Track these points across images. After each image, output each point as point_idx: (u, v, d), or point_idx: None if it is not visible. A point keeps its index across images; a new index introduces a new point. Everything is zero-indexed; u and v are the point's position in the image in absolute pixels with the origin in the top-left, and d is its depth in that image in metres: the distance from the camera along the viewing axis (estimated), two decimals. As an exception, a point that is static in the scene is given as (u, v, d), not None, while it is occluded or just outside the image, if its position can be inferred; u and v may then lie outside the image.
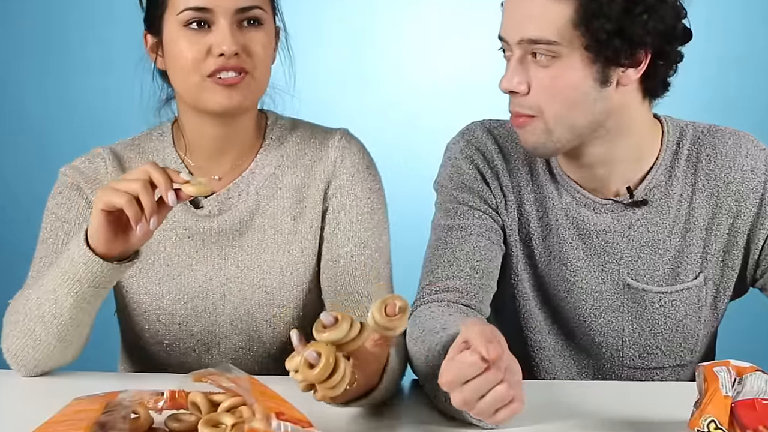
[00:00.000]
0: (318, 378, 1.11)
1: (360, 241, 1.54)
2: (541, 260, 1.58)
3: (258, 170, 1.58)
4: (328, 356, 1.10)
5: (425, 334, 1.33)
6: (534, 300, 1.60)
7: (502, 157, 1.58)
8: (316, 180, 1.58)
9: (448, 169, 1.60)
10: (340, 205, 1.56)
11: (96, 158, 1.58)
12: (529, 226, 1.58)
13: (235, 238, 1.57)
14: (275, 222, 1.57)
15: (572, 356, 1.62)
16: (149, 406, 1.19)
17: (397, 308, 1.12)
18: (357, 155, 1.59)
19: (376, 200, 1.58)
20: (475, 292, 1.49)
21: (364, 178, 1.58)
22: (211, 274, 1.57)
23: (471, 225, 1.54)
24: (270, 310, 1.58)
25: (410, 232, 2.01)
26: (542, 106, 1.42)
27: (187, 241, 1.56)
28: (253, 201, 1.57)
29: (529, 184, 1.58)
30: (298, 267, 1.58)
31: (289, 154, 1.59)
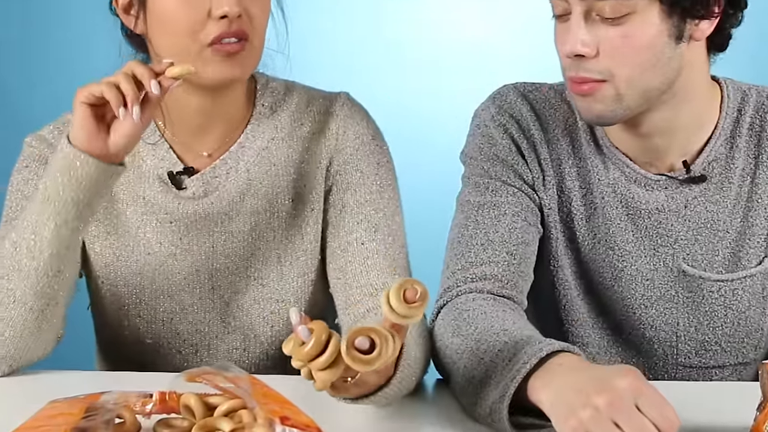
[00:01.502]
0: (308, 356, 1.11)
1: (370, 225, 1.54)
2: (584, 244, 1.58)
3: (248, 144, 1.57)
4: (320, 334, 1.11)
5: (479, 332, 1.33)
6: (576, 289, 1.60)
7: (539, 126, 1.58)
8: (316, 155, 1.58)
9: (478, 138, 1.60)
10: (346, 184, 1.57)
11: (66, 126, 1.57)
12: (570, 205, 1.58)
13: (224, 223, 1.57)
14: (270, 204, 1.57)
15: (619, 353, 1.62)
16: (136, 410, 1.19)
17: (417, 294, 1.12)
18: (361, 125, 1.59)
19: (385, 176, 1.58)
20: (515, 281, 1.49)
21: (371, 151, 1.58)
22: (197, 264, 1.57)
23: (504, 203, 1.54)
24: (267, 306, 1.58)
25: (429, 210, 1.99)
26: (613, 69, 1.42)
27: (168, 227, 1.56)
28: (243, 180, 1.57)
29: (571, 157, 1.58)
30: (298, 256, 1.58)
31: (284, 125, 1.59)
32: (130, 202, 1.56)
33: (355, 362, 1.11)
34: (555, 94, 1.60)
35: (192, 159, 1.56)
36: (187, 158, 1.57)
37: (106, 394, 1.19)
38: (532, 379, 1.19)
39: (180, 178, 1.56)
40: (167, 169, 1.56)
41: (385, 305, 1.12)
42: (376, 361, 1.11)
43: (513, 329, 1.31)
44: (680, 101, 1.48)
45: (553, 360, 1.20)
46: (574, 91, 1.46)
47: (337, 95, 1.61)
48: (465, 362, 1.32)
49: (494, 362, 1.26)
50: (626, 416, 1.08)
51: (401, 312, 1.12)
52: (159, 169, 1.56)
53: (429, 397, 1.42)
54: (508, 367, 1.22)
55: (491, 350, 1.28)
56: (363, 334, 1.11)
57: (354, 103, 1.61)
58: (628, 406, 1.09)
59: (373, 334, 1.12)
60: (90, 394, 1.20)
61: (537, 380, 1.18)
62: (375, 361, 1.11)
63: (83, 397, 1.19)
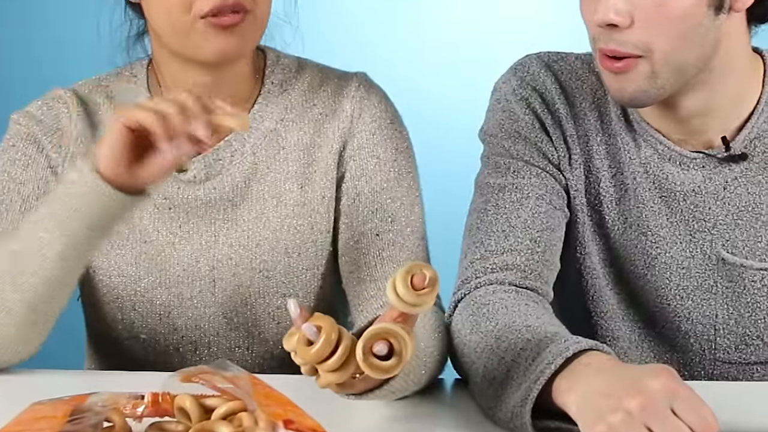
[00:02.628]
0: (317, 357, 1.12)
1: (387, 215, 1.55)
2: (614, 229, 1.58)
3: (255, 125, 1.58)
4: (330, 332, 1.11)
5: (500, 329, 1.33)
6: (605, 278, 1.60)
7: (565, 99, 1.58)
8: (328, 139, 1.58)
9: (498, 114, 1.59)
10: (360, 170, 1.57)
11: (56, 102, 1.58)
12: (599, 186, 1.58)
13: (227, 210, 1.57)
14: (278, 190, 1.57)
15: (652, 348, 1.62)
16: (126, 413, 1.18)
17: (426, 280, 1.12)
18: (378, 107, 1.59)
19: (404, 162, 1.58)
20: (539, 270, 1.49)
21: (389, 136, 1.58)
22: (198, 254, 1.57)
23: (528, 185, 1.54)
24: (273, 301, 1.59)
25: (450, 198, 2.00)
26: (649, 41, 1.41)
27: (167, 213, 1.57)
28: (249, 164, 1.57)
29: (599, 134, 1.58)
30: (307, 247, 1.58)
31: (295, 105, 1.59)
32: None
33: (373, 370, 1.11)
34: (582, 64, 1.60)
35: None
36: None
37: (93, 396, 1.18)
38: (557, 380, 1.18)
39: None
40: None
41: (392, 293, 1.12)
42: (397, 368, 1.12)
43: (537, 325, 1.31)
44: (718, 79, 1.48)
45: (581, 359, 1.19)
46: (607, 68, 1.45)
47: (353, 75, 1.62)
48: (484, 361, 1.31)
49: (516, 362, 1.26)
50: (660, 420, 1.08)
51: (409, 300, 1.12)
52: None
53: (446, 399, 1.42)
54: (531, 368, 1.21)
55: (513, 348, 1.28)
56: (380, 338, 1.12)
57: (371, 84, 1.61)
58: (663, 409, 1.08)
59: (392, 337, 1.12)
60: (76, 396, 1.19)
61: (563, 382, 1.18)
62: (395, 369, 1.12)
63: (68, 399, 1.18)
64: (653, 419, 1.08)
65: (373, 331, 1.12)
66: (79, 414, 1.14)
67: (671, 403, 1.09)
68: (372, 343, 1.11)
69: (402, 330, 1.12)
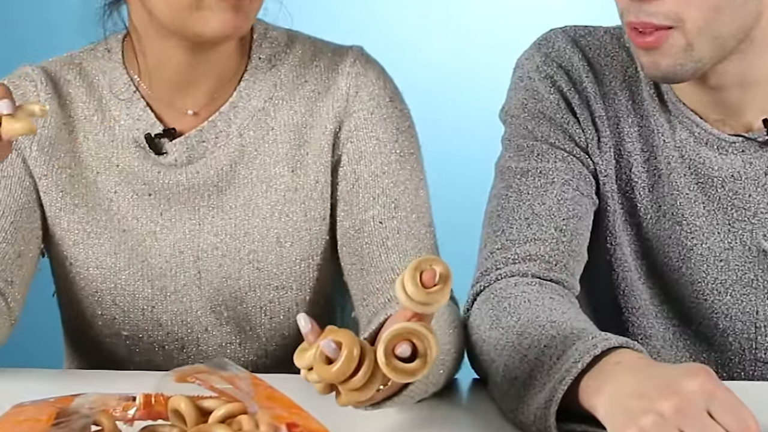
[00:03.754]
0: (339, 377, 1.11)
1: (389, 201, 1.55)
2: (646, 217, 1.59)
3: (242, 103, 1.58)
4: (352, 348, 1.11)
5: (522, 324, 1.33)
6: (637, 271, 1.61)
7: (593, 77, 1.59)
8: (322, 119, 1.58)
9: (521, 93, 1.60)
10: (359, 153, 1.57)
11: (23, 80, 1.58)
12: (630, 172, 1.58)
13: (212, 197, 1.57)
14: (267, 174, 1.58)
15: (687, 347, 1.63)
16: (116, 416, 1.17)
17: (437, 276, 1.12)
18: (376, 84, 1.59)
19: (406, 143, 1.58)
20: (565, 261, 1.49)
21: (388, 115, 1.58)
22: (181, 244, 1.58)
23: (553, 169, 1.54)
24: (264, 294, 1.59)
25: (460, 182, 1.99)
26: (682, 12, 1.41)
27: (147, 199, 1.57)
28: (235, 146, 1.57)
29: (631, 114, 1.58)
30: (300, 235, 1.58)
31: (285, 82, 1.59)
32: (102, 170, 1.57)
33: (398, 374, 1.11)
34: (611, 39, 1.60)
35: (174, 119, 1.57)
36: (168, 118, 1.57)
37: (80, 397, 1.17)
38: (584, 380, 1.19)
39: (160, 141, 1.55)
40: (144, 130, 1.56)
41: (401, 293, 1.12)
42: (423, 370, 1.11)
43: (562, 320, 1.31)
44: (759, 50, 1.48)
45: (610, 358, 1.19)
46: (637, 44, 1.45)
47: (349, 49, 1.61)
48: (505, 360, 1.32)
49: (540, 360, 1.26)
50: (696, 424, 1.08)
51: (420, 299, 1.11)
52: (134, 130, 1.56)
53: (463, 400, 1.43)
54: (557, 367, 1.21)
55: (536, 346, 1.28)
56: (403, 338, 1.11)
57: (368, 59, 1.61)
58: (698, 411, 1.08)
59: (414, 337, 1.11)
60: (61, 397, 1.19)
61: (590, 382, 1.18)
62: (421, 371, 1.11)
63: (53, 401, 1.18)
64: (688, 422, 1.07)
65: (395, 331, 1.11)
66: (65, 417, 1.14)
67: (708, 405, 1.09)
68: (394, 345, 1.11)
69: (424, 329, 1.12)
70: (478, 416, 1.35)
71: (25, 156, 1.56)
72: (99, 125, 1.56)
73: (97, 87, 1.58)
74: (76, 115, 1.57)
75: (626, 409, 1.11)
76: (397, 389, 1.23)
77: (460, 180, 2.62)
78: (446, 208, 1.70)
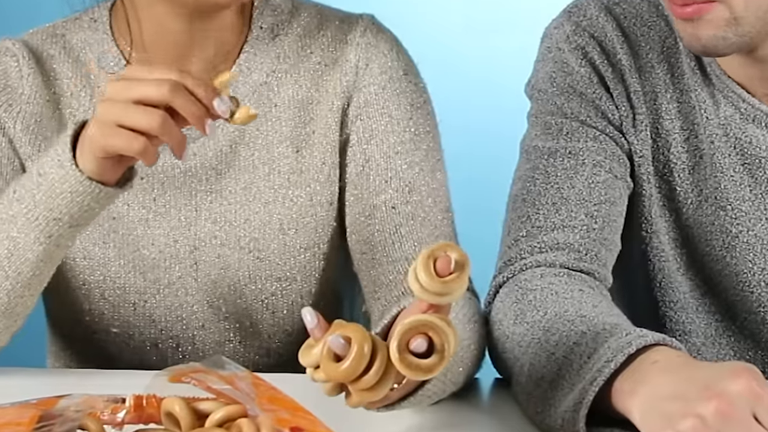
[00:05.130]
0: (348, 375, 1.12)
1: (403, 184, 1.55)
2: (686, 202, 1.59)
3: (242, 78, 1.58)
4: (362, 344, 1.11)
5: (549, 319, 1.34)
6: (676, 261, 1.61)
7: (629, 49, 1.58)
8: (329, 94, 1.58)
9: (549, 65, 1.60)
10: (369, 132, 1.57)
11: (4, 55, 1.59)
12: (669, 152, 1.58)
13: (210, 180, 1.58)
14: (269, 155, 1.58)
15: (731, 345, 1.63)
16: (104, 419, 1.17)
17: (452, 264, 1.12)
18: (389, 56, 1.59)
19: (421, 121, 1.58)
20: (596, 250, 1.49)
21: (402, 90, 1.58)
22: (176, 232, 1.58)
23: (583, 149, 1.54)
24: (266, 286, 1.59)
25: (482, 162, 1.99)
26: None
27: (139, 183, 1.56)
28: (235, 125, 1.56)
29: (669, 89, 1.58)
30: (306, 221, 1.59)
31: (289, 54, 1.59)
32: None
33: (413, 371, 1.11)
34: (648, 6, 1.60)
35: None
36: None
37: (65, 398, 1.17)
38: (618, 381, 1.19)
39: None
40: None
41: (414, 283, 1.12)
42: (440, 366, 1.11)
43: (593, 315, 1.31)
44: None
45: (646, 356, 1.19)
46: (676, 14, 1.45)
47: (359, 17, 1.61)
48: (530, 358, 1.32)
49: (568, 359, 1.26)
50: (740, 428, 1.09)
51: (434, 289, 1.11)
52: None
53: (484, 402, 1.44)
54: (587, 366, 1.22)
55: (564, 343, 1.28)
56: (418, 332, 1.11)
57: (380, 29, 1.61)
58: (743, 415, 1.09)
59: (430, 330, 1.11)
60: (45, 398, 1.18)
61: (624, 383, 1.18)
62: (438, 367, 1.11)
63: (36, 402, 1.18)
64: (731, 426, 1.08)
65: (409, 324, 1.12)
66: (48, 420, 1.13)
67: (753, 408, 1.09)
68: (408, 339, 1.11)
69: (441, 321, 1.12)
70: (501, 419, 1.36)
71: (11, 136, 1.56)
72: (88, 102, 1.57)
73: (84, 61, 1.58)
74: (62, 92, 1.57)
75: (664, 413, 1.12)
76: (412, 388, 1.23)
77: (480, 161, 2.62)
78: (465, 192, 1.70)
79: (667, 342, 1.21)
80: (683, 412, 1.10)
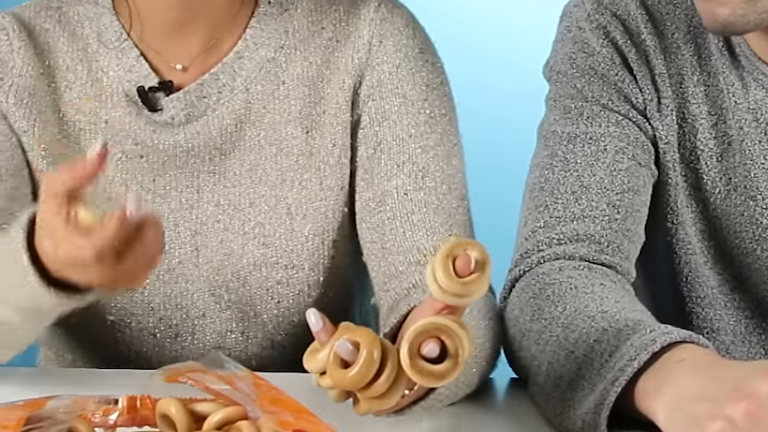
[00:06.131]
0: (357, 383, 1.12)
1: (416, 169, 1.55)
2: (714, 192, 1.59)
3: (248, 53, 1.59)
4: (371, 349, 1.11)
5: (568, 316, 1.34)
6: (703, 254, 1.62)
7: (653, 28, 1.58)
8: (340, 72, 1.59)
9: (569, 45, 1.60)
10: (382, 112, 1.58)
11: None
12: (695, 138, 1.58)
13: (214, 161, 1.59)
14: (277, 135, 1.59)
15: (762, 343, 1.64)
16: (95, 421, 1.17)
17: (472, 263, 1.11)
18: (404, 33, 1.60)
19: (437, 103, 1.59)
20: (618, 242, 1.50)
21: (417, 69, 1.59)
22: (177, 215, 1.59)
23: (605, 135, 1.54)
24: (271, 273, 1.60)
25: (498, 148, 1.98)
26: None
27: (138, 163, 1.57)
28: (241, 102, 1.58)
29: (696, 71, 1.58)
30: (315, 206, 1.59)
31: (298, 29, 1.60)
32: (87, 126, 1.57)
33: (424, 377, 1.11)
34: None
35: (170, 70, 1.57)
36: (163, 69, 1.57)
37: (54, 399, 1.17)
38: (641, 380, 1.19)
39: (154, 96, 1.56)
40: (137, 83, 1.56)
41: (432, 284, 1.12)
42: (453, 373, 1.11)
43: (615, 311, 1.32)
44: None
45: (671, 354, 1.20)
46: None
47: None
48: (548, 357, 1.32)
49: (589, 357, 1.26)
50: None
51: (454, 290, 1.11)
52: (125, 83, 1.56)
53: (499, 403, 1.44)
54: (609, 365, 1.22)
55: (585, 340, 1.28)
56: (430, 336, 1.11)
57: (395, 4, 1.61)
58: None
59: (443, 334, 1.11)
60: (32, 399, 1.18)
61: (648, 383, 1.19)
62: (451, 373, 1.11)
63: (22, 404, 1.18)
64: (761, 429, 1.08)
65: (421, 328, 1.11)
66: (35, 423, 1.13)
67: None
68: (420, 343, 1.11)
69: (455, 324, 1.12)
70: (517, 421, 1.36)
71: (4, 111, 1.56)
72: (85, 76, 1.57)
73: (80, 35, 1.58)
74: (56, 65, 1.58)
75: (690, 415, 1.12)
76: (423, 393, 1.23)
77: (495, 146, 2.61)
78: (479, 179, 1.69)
79: (693, 339, 1.21)
80: (711, 414, 1.10)
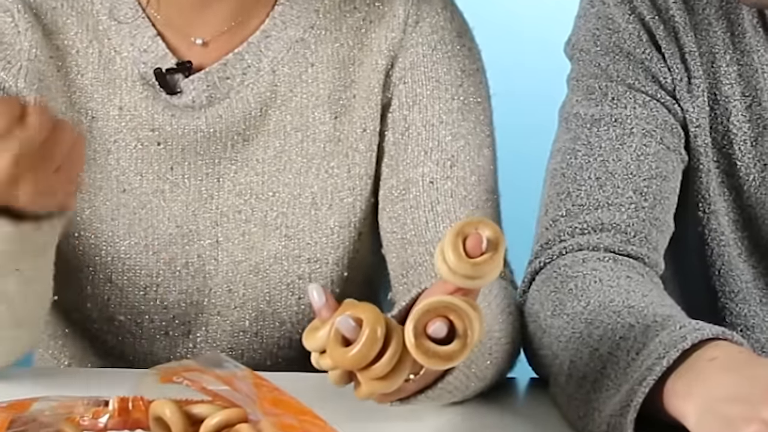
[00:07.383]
0: (358, 362, 1.11)
1: (445, 157, 1.56)
2: (748, 179, 1.60)
3: (276, 32, 1.59)
4: (375, 326, 1.11)
5: (592, 311, 1.35)
6: (737, 245, 1.62)
7: (683, 3, 1.58)
8: (372, 53, 1.60)
9: (592, 21, 1.61)
10: (413, 96, 1.59)
11: None
12: (728, 121, 1.58)
13: (236, 147, 1.59)
14: (304, 120, 1.59)
15: None
16: (84, 424, 1.16)
17: (484, 243, 1.11)
18: (442, 15, 1.61)
19: (472, 89, 1.60)
20: (645, 232, 1.50)
21: (453, 54, 1.60)
22: (196, 206, 1.59)
23: (631, 117, 1.55)
24: (293, 267, 1.60)
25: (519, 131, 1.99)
26: None
27: (155, 150, 1.57)
28: (266, 84, 1.58)
29: (729, 50, 1.58)
30: (342, 196, 1.60)
31: (330, 8, 1.61)
32: (100, 113, 1.57)
33: (429, 358, 1.10)
34: None
35: (189, 49, 1.57)
36: (181, 48, 1.57)
37: (40, 401, 1.16)
38: (671, 380, 1.19)
39: (173, 78, 1.56)
40: (154, 64, 1.56)
41: (441, 263, 1.12)
42: (461, 355, 1.11)
43: (642, 305, 1.32)
44: None
45: (703, 352, 1.20)
46: None
47: None
48: (571, 354, 1.33)
49: (614, 355, 1.26)
50: None
51: (464, 271, 1.11)
52: (141, 64, 1.56)
53: (519, 404, 1.45)
54: (635, 364, 1.22)
55: (610, 337, 1.29)
56: (438, 314, 1.10)
57: None
58: None
59: (452, 313, 1.11)
60: (17, 401, 1.17)
61: (678, 382, 1.19)
62: (459, 355, 1.11)
63: (6, 405, 1.17)
64: None
65: (428, 306, 1.11)
66: (20, 426, 1.13)
67: None
68: (426, 322, 1.10)
69: (465, 303, 1.11)
70: (537, 423, 1.36)
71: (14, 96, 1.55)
72: (97, 59, 1.57)
73: (91, 12, 1.58)
74: (66, 48, 1.58)
75: (723, 417, 1.12)
76: (431, 380, 1.23)
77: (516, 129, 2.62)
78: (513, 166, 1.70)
79: (727, 336, 1.21)
80: (746, 417, 1.10)
